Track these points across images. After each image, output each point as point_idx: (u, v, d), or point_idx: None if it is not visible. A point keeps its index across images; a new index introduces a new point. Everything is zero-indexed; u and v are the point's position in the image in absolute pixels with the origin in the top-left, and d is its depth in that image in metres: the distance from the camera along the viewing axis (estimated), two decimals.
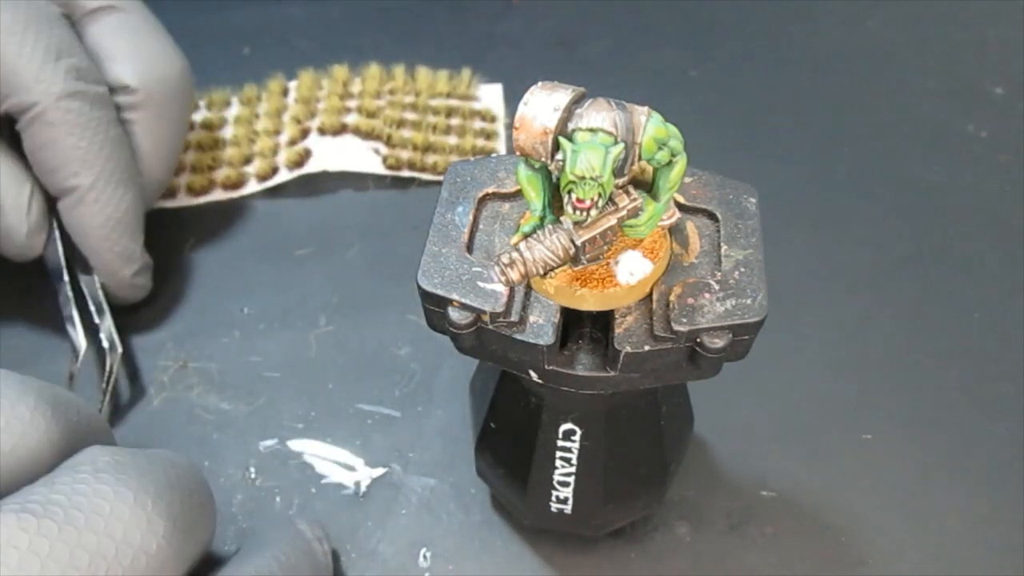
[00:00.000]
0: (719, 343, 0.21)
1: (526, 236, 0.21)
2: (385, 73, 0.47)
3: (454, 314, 0.21)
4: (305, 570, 0.26)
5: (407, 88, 0.46)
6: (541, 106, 0.20)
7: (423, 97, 0.46)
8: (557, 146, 0.19)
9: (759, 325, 0.21)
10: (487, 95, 0.47)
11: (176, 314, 0.38)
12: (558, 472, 0.27)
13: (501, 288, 0.21)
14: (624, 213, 0.20)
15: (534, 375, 0.22)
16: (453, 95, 0.46)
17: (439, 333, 0.23)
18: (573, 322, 0.23)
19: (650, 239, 0.22)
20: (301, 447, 0.34)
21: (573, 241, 0.20)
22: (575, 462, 0.26)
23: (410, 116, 0.45)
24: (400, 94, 0.46)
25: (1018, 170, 0.44)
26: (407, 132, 0.44)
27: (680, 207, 0.23)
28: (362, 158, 0.43)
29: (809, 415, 0.34)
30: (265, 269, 0.40)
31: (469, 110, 0.46)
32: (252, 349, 0.37)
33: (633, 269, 0.21)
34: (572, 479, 0.27)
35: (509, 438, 0.28)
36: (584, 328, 0.23)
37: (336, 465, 0.33)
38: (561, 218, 0.20)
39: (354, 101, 0.46)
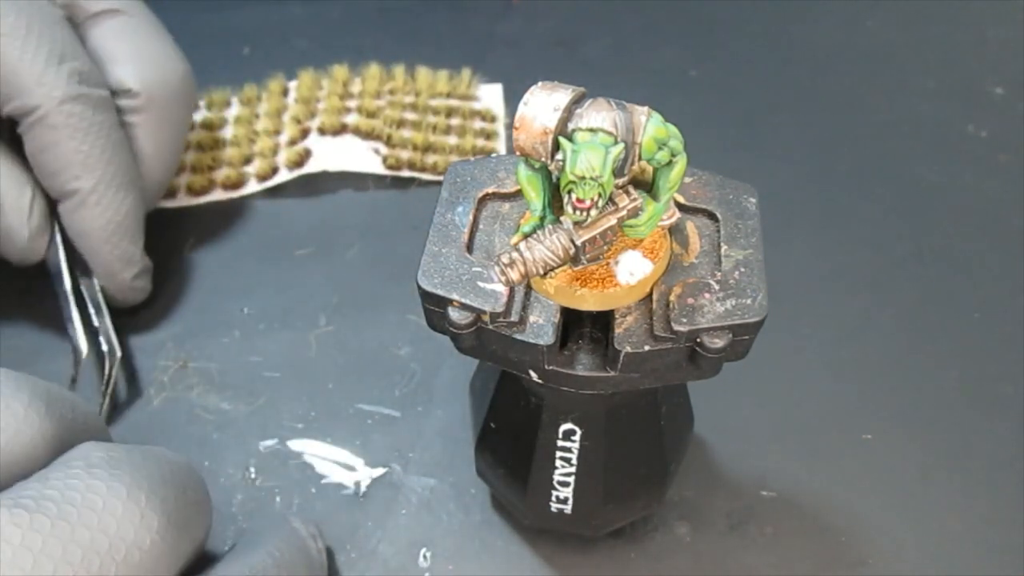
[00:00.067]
0: (719, 343, 0.21)
1: (526, 236, 0.21)
2: (385, 73, 0.47)
3: (454, 314, 0.21)
4: (299, 567, 0.26)
5: (407, 88, 0.46)
6: (541, 106, 0.20)
7: (423, 97, 0.46)
8: (557, 146, 0.19)
9: (759, 325, 0.21)
10: (487, 95, 0.47)
11: (176, 314, 0.38)
12: (558, 472, 0.27)
13: (501, 288, 0.21)
14: (624, 213, 0.20)
15: (534, 375, 0.22)
16: (453, 95, 0.46)
17: (439, 333, 0.23)
18: (573, 322, 0.23)
19: (650, 239, 0.22)
20: (301, 447, 0.34)
21: (573, 241, 0.20)
22: (575, 462, 0.26)
23: (410, 116, 0.45)
24: (400, 94, 0.46)
25: (1018, 170, 0.44)
26: (407, 132, 0.44)
27: (680, 207, 0.23)
28: (362, 158, 0.43)
29: (809, 415, 0.34)
30: (265, 269, 0.40)
31: (469, 110, 0.46)
32: (252, 349, 0.37)
33: (633, 269, 0.21)
34: (572, 479, 0.27)
35: (509, 438, 0.28)
36: (584, 328, 0.23)
37: (336, 465, 0.33)
38: (561, 218, 0.20)
39: (354, 101, 0.46)
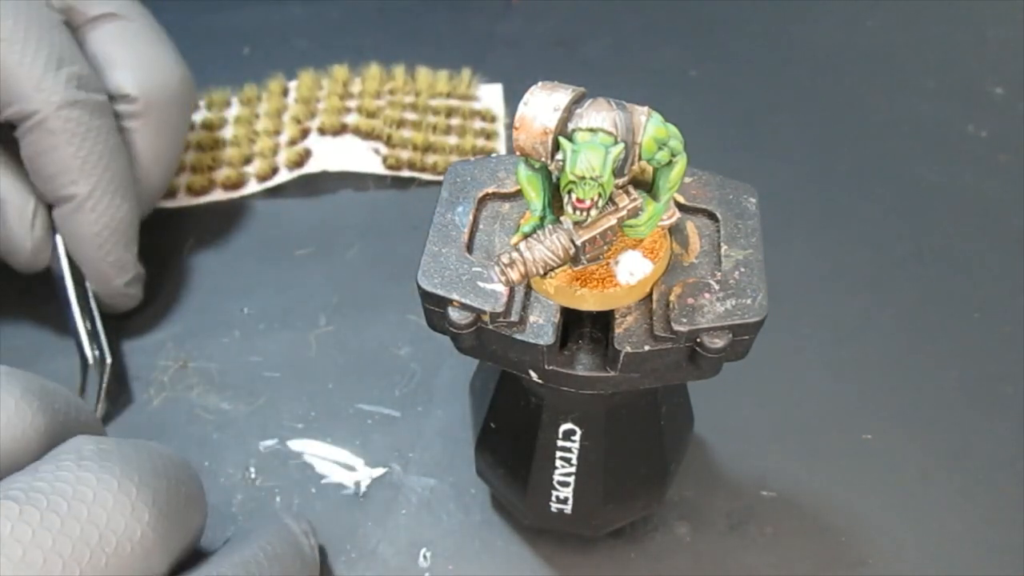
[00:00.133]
0: (719, 343, 0.21)
1: (526, 236, 0.21)
2: (385, 73, 0.47)
3: (454, 314, 0.21)
4: (291, 562, 0.26)
5: (407, 88, 0.46)
6: (541, 106, 0.20)
7: (423, 97, 0.46)
8: (557, 146, 0.19)
9: (759, 325, 0.21)
10: (487, 95, 0.47)
11: (176, 314, 0.38)
12: (558, 472, 0.27)
13: (501, 288, 0.21)
14: (624, 213, 0.20)
15: (534, 375, 0.22)
16: (453, 95, 0.46)
17: (439, 333, 0.23)
18: (573, 322, 0.23)
19: (650, 239, 0.22)
20: (301, 447, 0.34)
21: (573, 241, 0.20)
22: (575, 462, 0.26)
23: (410, 116, 0.45)
24: (400, 94, 0.46)
25: (1018, 170, 0.44)
26: (407, 132, 0.44)
27: (680, 207, 0.23)
28: (362, 158, 0.43)
29: (809, 415, 0.34)
30: (265, 269, 0.40)
31: (469, 110, 0.46)
32: (252, 349, 0.37)
33: (633, 269, 0.21)
34: (572, 479, 0.27)
35: (509, 438, 0.28)
36: (584, 328, 0.23)
37: (336, 465, 0.33)
38: (561, 218, 0.20)
39: (354, 101, 0.46)
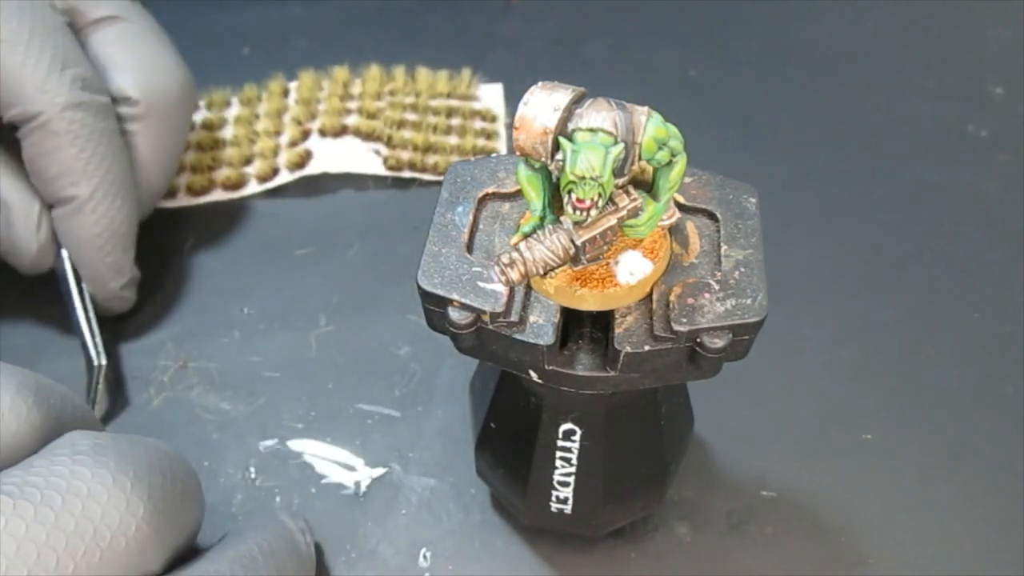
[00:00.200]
0: (719, 343, 0.21)
1: (526, 236, 0.21)
2: (385, 74, 0.47)
3: (454, 314, 0.21)
4: (287, 558, 0.26)
5: (407, 89, 0.46)
6: (541, 106, 0.20)
7: (423, 97, 0.46)
8: (557, 146, 0.19)
9: (759, 325, 0.21)
10: (487, 95, 0.47)
11: (176, 314, 0.38)
12: (558, 472, 0.27)
13: (501, 288, 0.21)
14: (624, 213, 0.20)
15: (534, 375, 0.22)
16: (453, 95, 0.46)
17: (439, 333, 0.23)
18: (573, 322, 0.23)
19: (650, 239, 0.22)
20: (301, 447, 0.34)
21: (573, 241, 0.20)
22: (575, 462, 0.26)
23: (410, 117, 0.45)
24: (400, 95, 0.46)
25: (1018, 170, 0.44)
26: (407, 133, 0.44)
27: (680, 207, 0.23)
28: (363, 159, 0.43)
29: (809, 415, 0.34)
30: (265, 269, 0.40)
31: (469, 110, 0.46)
32: (252, 349, 0.37)
33: (633, 269, 0.21)
34: (572, 479, 0.27)
35: (509, 438, 0.28)
36: (584, 328, 0.23)
37: (336, 465, 0.33)
38: (561, 218, 0.20)
39: (354, 102, 0.46)
